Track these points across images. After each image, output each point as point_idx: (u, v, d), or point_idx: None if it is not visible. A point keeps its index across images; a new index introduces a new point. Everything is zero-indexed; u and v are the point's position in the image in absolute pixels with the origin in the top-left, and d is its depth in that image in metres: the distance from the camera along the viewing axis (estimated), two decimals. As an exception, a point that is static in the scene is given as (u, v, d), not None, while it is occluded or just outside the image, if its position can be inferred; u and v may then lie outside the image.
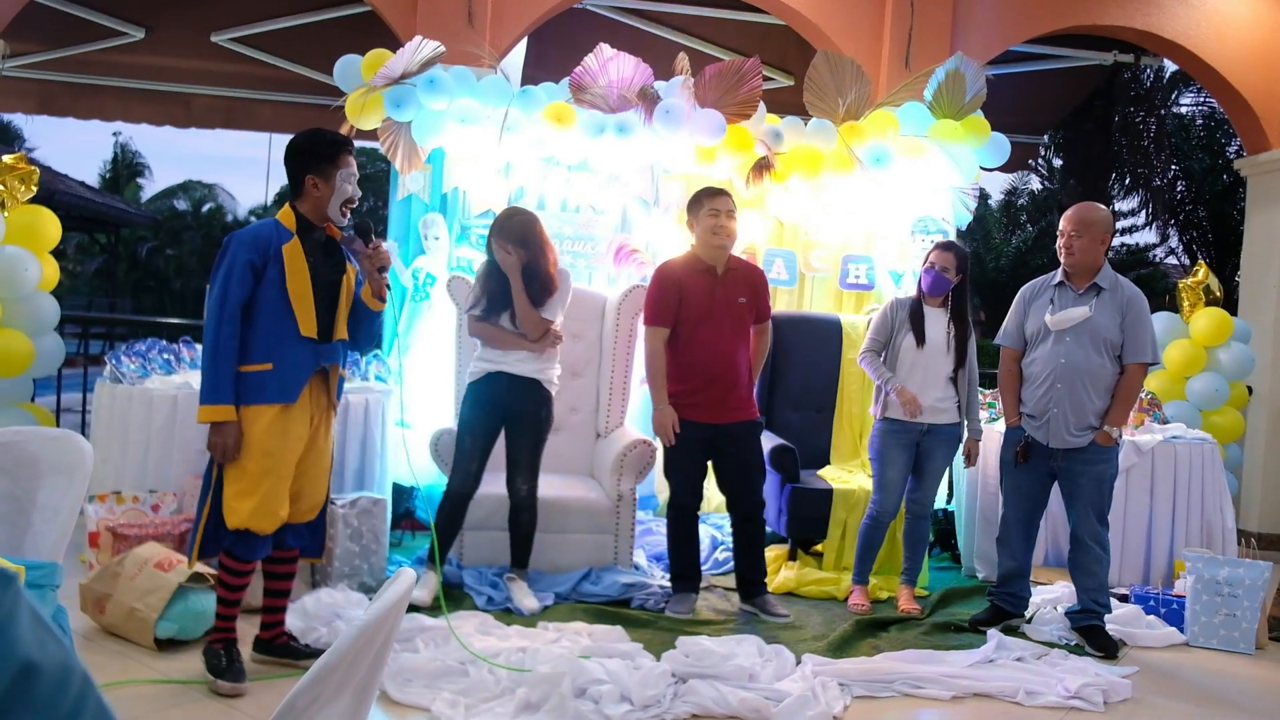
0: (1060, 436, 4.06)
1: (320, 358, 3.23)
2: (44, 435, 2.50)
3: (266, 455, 3.12)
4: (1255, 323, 6.77)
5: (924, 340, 4.37)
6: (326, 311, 3.24)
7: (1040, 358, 4.13)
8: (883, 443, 4.43)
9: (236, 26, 7.81)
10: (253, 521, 3.12)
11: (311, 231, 3.24)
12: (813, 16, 6.54)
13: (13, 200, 5.21)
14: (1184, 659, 4.12)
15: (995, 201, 21.63)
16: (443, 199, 5.31)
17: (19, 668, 0.75)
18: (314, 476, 3.31)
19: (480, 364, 4.20)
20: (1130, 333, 4.04)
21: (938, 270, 4.39)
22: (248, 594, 3.35)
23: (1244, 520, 6.45)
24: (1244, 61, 6.94)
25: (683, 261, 4.30)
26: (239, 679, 3.15)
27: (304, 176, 3.21)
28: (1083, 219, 4.10)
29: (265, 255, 3.13)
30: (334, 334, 3.27)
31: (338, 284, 3.28)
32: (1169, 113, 16.99)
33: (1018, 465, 4.17)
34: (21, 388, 5.46)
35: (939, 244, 4.54)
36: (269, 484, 3.13)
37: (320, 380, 3.29)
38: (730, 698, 3.19)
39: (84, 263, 25.47)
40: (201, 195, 28.29)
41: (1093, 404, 4.03)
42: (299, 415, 3.20)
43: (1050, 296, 4.17)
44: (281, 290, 3.13)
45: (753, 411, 4.31)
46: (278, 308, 3.13)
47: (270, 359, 3.13)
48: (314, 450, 3.29)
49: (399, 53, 4.85)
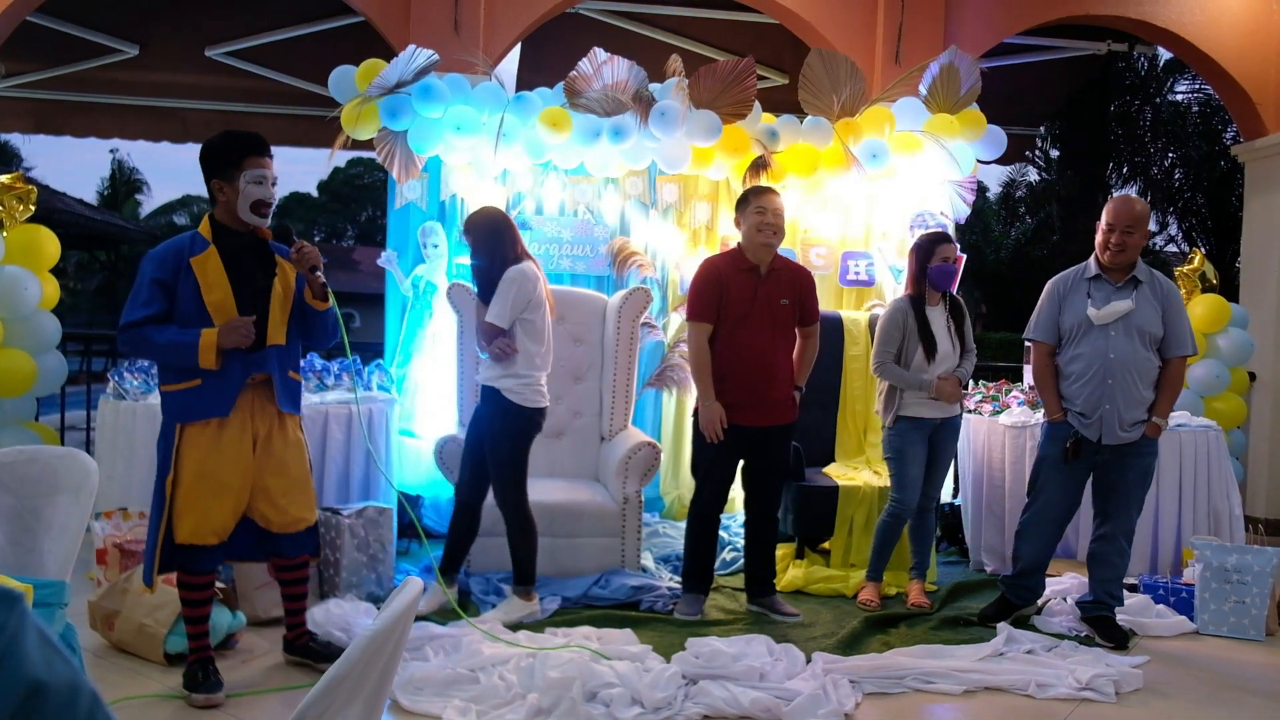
0: (1114, 432, 3.98)
1: (250, 367, 3.15)
2: (49, 454, 2.51)
3: (200, 474, 3.09)
4: (1256, 308, 6.77)
5: (934, 353, 4.30)
6: (248, 311, 3.12)
7: (1085, 353, 4.02)
8: (901, 441, 4.36)
9: (230, 41, 7.83)
10: (194, 537, 3.11)
11: (232, 238, 3.17)
12: (805, 14, 6.55)
13: (11, 220, 5.21)
14: (1194, 647, 4.12)
15: (993, 194, 21.63)
16: (441, 207, 5.32)
17: (27, 688, 0.75)
18: (283, 489, 3.24)
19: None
20: (1172, 326, 4.00)
21: (950, 262, 4.34)
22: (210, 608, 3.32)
23: (1250, 506, 6.44)
24: (1237, 47, 6.94)
25: (727, 259, 4.26)
26: (213, 690, 3.15)
27: (210, 181, 3.17)
28: (1136, 215, 3.98)
29: (176, 271, 3.09)
30: (266, 341, 3.18)
31: (268, 289, 3.20)
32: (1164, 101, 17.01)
33: (1066, 463, 4.05)
34: (25, 407, 5.46)
35: (934, 236, 4.42)
36: (204, 501, 3.10)
37: (263, 391, 3.22)
38: (741, 698, 3.19)
39: (84, 280, 25.51)
40: (200, 210, 28.30)
41: (1142, 396, 3.98)
42: (235, 431, 3.14)
43: (1087, 290, 4.06)
44: (200, 304, 3.08)
45: (790, 415, 4.23)
46: (197, 322, 3.07)
47: (197, 374, 3.08)
48: (271, 461, 3.22)
49: (393, 62, 4.86)
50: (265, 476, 3.21)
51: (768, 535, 4.35)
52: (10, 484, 2.43)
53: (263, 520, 3.24)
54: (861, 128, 5.35)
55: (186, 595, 3.23)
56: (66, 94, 8.45)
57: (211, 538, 3.13)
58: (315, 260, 3.21)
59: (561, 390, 4.90)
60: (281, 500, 3.24)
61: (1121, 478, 4.04)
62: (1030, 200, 20.79)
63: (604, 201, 5.56)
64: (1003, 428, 5.03)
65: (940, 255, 4.31)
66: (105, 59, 7.95)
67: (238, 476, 3.15)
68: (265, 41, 7.75)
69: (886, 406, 4.40)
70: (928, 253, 4.33)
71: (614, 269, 5.54)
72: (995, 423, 5.08)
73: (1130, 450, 4.01)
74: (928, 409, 4.33)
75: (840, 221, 5.77)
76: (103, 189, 28.11)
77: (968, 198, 5.56)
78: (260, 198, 3.13)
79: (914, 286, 4.38)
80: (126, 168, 28.09)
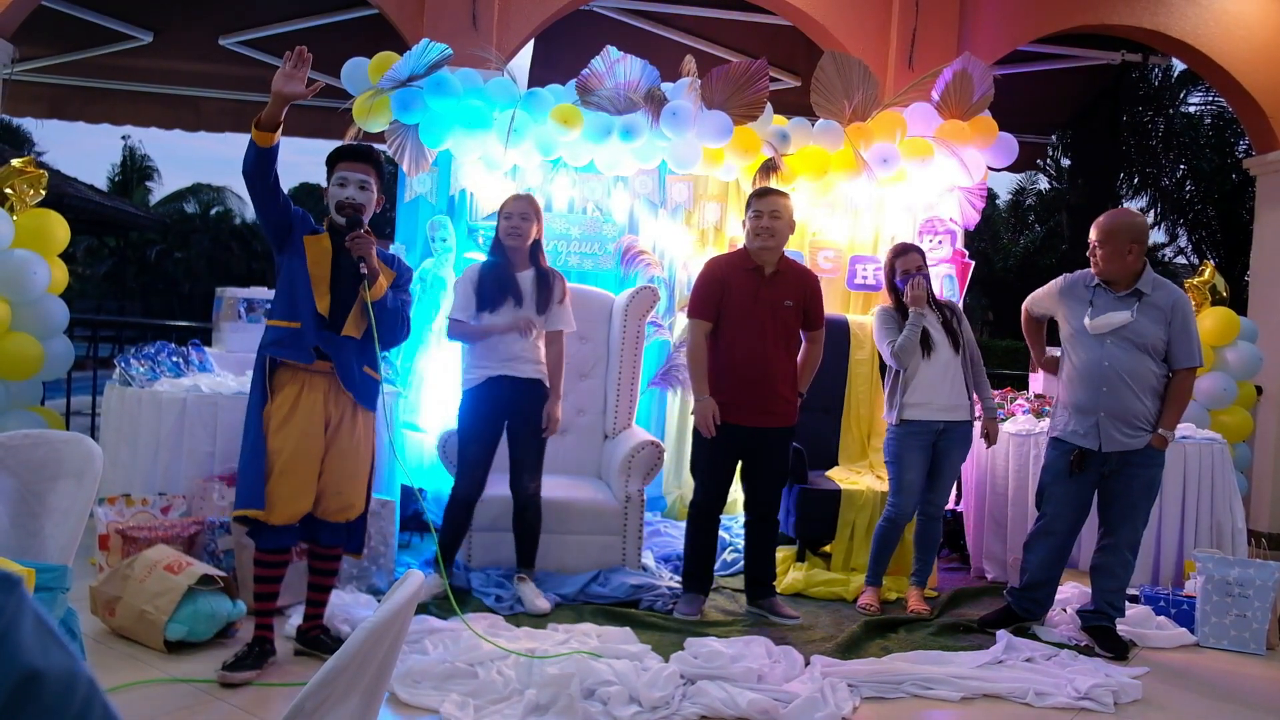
0: (1112, 439, 3.98)
1: (324, 340, 3.30)
2: (54, 438, 2.51)
3: (274, 450, 3.22)
4: (1266, 322, 6.75)
5: (930, 350, 4.37)
6: (341, 302, 3.33)
7: (1082, 361, 4.04)
8: (900, 446, 4.40)
9: (245, 30, 7.85)
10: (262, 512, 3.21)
11: (335, 234, 3.39)
12: (819, 17, 6.54)
13: (22, 204, 5.23)
14: (1194, 660, 4.11)
15: (1003, 201, 21.60)
16: (450, 201, 5.32)
17: (22, 675, 0.75)
18: (340, 477, 3.35)
19: (479, 370, 4.18)
20: (1179, 339, 3.98)
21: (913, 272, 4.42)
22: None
23: (1254, 520, 6.42)
24: (1252, 60, 6.92)
25: (731, 258, 4.29)
26: (235, 669, 3.21)
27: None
28: (1105, 229, 4.01)
29: (297, 229, 3.34)
30: (343, 327, 3.34)
31: (355, 283, 3.36)
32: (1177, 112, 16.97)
33: (1071, 476, 4.06)
34: (31, 391, 5.48)
35: (896, 249, 4.56)
36: (274, 477, 3.21)
37: (336, 380, 3.34)
38: (739, 699, 3.19)
39: (93, 266, 25.58)
40: (210, 198, 28.39)
41: (1141, 406, 3.97)
42: (309, 412, 3.28)
43: (1089, 298, 4.09)
44: (305, 271, 3.30)
45: (790, 418, 4.24)
46: (302, 276, 3.30)
47: (299, 319, 3.28)
48: (335, 450, 3.34)
49: (406, 56, 4.86)
50: (328, 460, 3.33)
51: (767, 537, 4.35)
52: (14, 467, 2.43)
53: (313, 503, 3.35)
54: (873, 132, 5.35)
55: (259, 571, 3.37)
56: (80, 80, 8.48)
57: (279, 517, 3.23)
58: (365, 250, 3.33)
59: (566, 387, 4.89)
60: (332, 488, 3.34)
61: (1127, 488, 4.04)
62: (1040, 208, 20.76)
63: (613, 199, 5.56)
64: (1007, 435, 5.03)
65: (901, 268, 4.47)
66: (119, 45, 7.98)
67: (307, 462, 3.27)
68: (279, 32, 7.76)
69: (889, 403, 4.47)
70: (890, 267, 4.53)
71: (621, 267, 5.54)
72: (1000, 430, 5.07)
73: (1136, 461, 4.00)
74: (930, 411, 4.35)
75: (849, 225, 5.77)
76: (114, 175, 28.20)
77: (977, 204, 5.55)
78: (340, 199, 3.38)
79: (891, 297, 4.56)
80: (138, 154, 28.17)
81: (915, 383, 4.38)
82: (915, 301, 4.36)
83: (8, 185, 5.21)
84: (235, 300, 5.07)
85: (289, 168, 4.29)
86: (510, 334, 4.13)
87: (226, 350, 5.00)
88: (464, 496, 4.17)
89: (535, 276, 4.24)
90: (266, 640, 3.35)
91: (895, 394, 4.43)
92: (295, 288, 3.30)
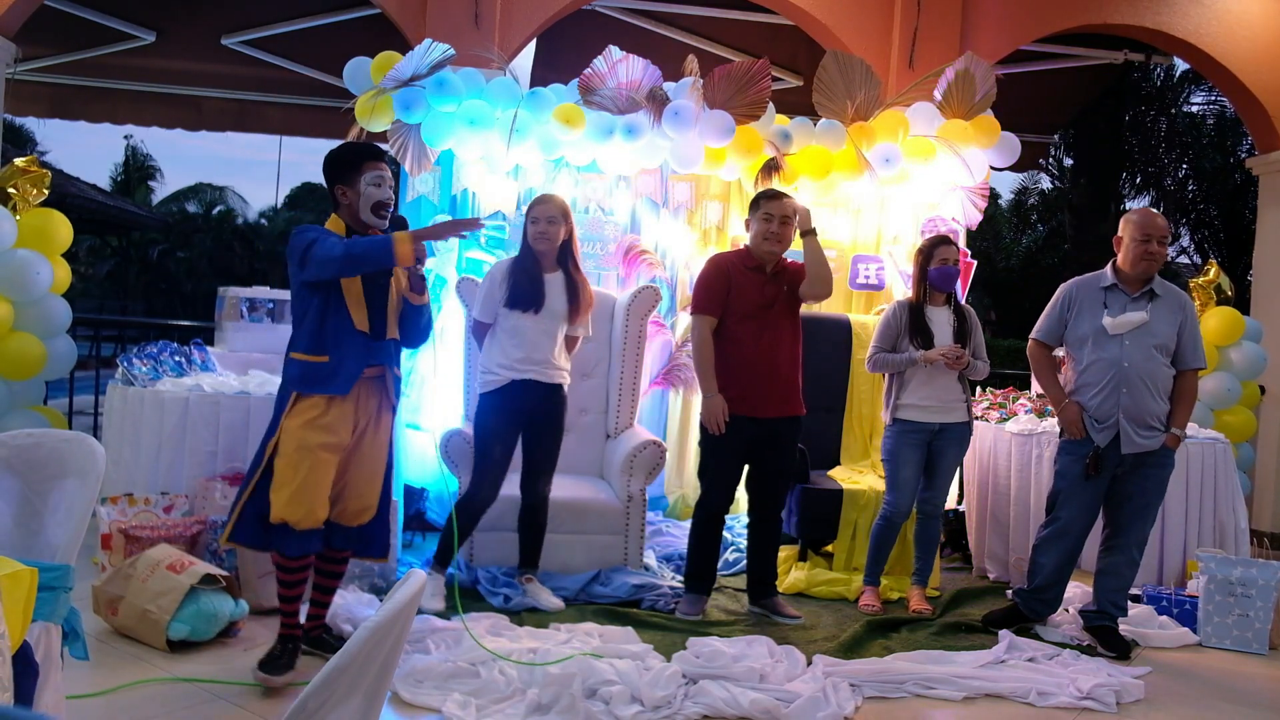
0: (1131, 440, 3.99)
1: (372, 354, 3.28)
2: (56, 438, 2.51)
3: (301, 449, 3.15)
4: (1268, 321, 6.75)
5: (930, 348, 4.36)
6: (378, 309, 3.32)
7: (1099, 361, 4.04)
8: (895, 444, 4.42)
9: (247, 30, 7.85)
10: (287, 514, 3.13)
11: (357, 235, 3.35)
12: (821, 17, 6.54)
13: (25, 203, 5.23)
14: (1197, 660, 4.11)
15: (1005, 201, 21.54)
16: (452, 200, 5.32)
17: None
18: (358, 480, 3.33)
19: (503, 371, 4.12)
20: (1188, 339, 4.04)
21: (950, 264, 4.41)
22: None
23: (1257, 520, 6.42)
24: (1255, 59, 6.92)
25: (735, 256, 4.30)
26: (274, 671, 3.19)
27: (334, 188, 3.36)
28: (1163, 226, 4.03)
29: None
30: (386, 332, 3.34)
31: (387, 284, 3.36)
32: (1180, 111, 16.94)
33: (1087, 479, 4.06)
34: (34, 390, 5.48)
35: (935, 239, 4.53)
36: (301, 478, 3.14)
37: (374, 383, 3.33)
38: (741, 699, 3.19)
39: (95, 265, 25.56)
40: (212, 198, 28.36)
41: (1157, 407, 4.00)
42: (342, 414, 3.22)
43: (1102, 300, 4.09)
44: (336, 288, 3.24)
45: (800, 407, 4.24)
46: (332, 301, 3.23)
47: (326, 352, 3.21)
48: (358, 453, 3.31)
49: (408, 55, 4.86)
50: (352, 463, 3.30)
51: (770, 537, 4.35)
52: (17, 466, 2.43)
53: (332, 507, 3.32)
54: (875, 132, 5.34)
55: (283, 576, 3.31)
56: (82, 79, 8.49)
57: (306, 520, 3.16)
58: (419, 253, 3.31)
59: (568, 386, 4.89)
60: (350, 490, 3.32)
61: (1140, 488, 4.05)
62: (1042, 208, 20.71)
63: (615, 199, 5.56)
64: (1009, 435, 5.02)
65: (939, 258, 4.43)
66: (121, 45, 7.98)
67: (333, 464, 3.22)
68: (281, 31, 7.77)
69: (886, 403, 4.48)
70: (928, 255, 4.47)
71: (623, 267, 5.54)
72: (1001, 430, 5.07)
73: (1149, 461, 4.02)
74: (925, 413, 4.36)
75: (851, 224, 5.77)
76: (116, 175, 28.18)
77: (979, 204, 5.55)
78: (380, 199, 3.33)
79: (916, 288, 4.51)
80: (140, 154, 28.14)
81: (913, 384, 4.39)
82: (934, 360, 4.31)
83: (10, 185, 5.21)
84: (237, 300, 5.07)
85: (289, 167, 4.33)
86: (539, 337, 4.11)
87: (229, 350, 5.00)
88: (481, 501, 4.13)
89: (564, 280, 4.20)
90: (295, 639, 3.32)
91: (892, 394, 4.44)
92: (326, 319, 3.23)
